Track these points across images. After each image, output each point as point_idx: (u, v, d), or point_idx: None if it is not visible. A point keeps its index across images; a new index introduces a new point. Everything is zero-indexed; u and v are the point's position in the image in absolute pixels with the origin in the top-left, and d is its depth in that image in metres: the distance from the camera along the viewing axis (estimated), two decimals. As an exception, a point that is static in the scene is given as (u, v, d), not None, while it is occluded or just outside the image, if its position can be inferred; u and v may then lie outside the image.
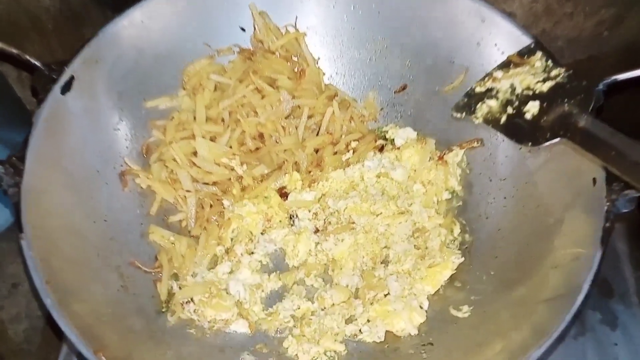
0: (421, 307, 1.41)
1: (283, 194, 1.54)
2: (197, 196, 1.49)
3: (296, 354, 1.35)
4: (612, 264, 1.60)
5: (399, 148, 1.59)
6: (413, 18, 1.57)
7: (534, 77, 1.30)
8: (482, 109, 1.36)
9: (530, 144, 1.24)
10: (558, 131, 1.19)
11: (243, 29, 1.61)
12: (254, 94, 1.52)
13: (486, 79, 1.40)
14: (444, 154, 1.56)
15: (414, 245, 1.49)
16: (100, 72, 1.44)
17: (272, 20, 1.60)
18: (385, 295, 1.42)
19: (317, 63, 1.62)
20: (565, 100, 1.21)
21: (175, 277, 1.43)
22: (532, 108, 1.27)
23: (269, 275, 1.49)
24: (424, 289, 1.43)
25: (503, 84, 1.34)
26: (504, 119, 1.32)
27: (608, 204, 1.19)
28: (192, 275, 1.44)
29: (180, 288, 1.40)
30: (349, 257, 1.48)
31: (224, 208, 1.52)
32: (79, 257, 1.28)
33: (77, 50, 1.40)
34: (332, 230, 1.51)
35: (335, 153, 1.58)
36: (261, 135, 1.53)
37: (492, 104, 1.35)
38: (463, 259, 1.43)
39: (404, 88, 1.63)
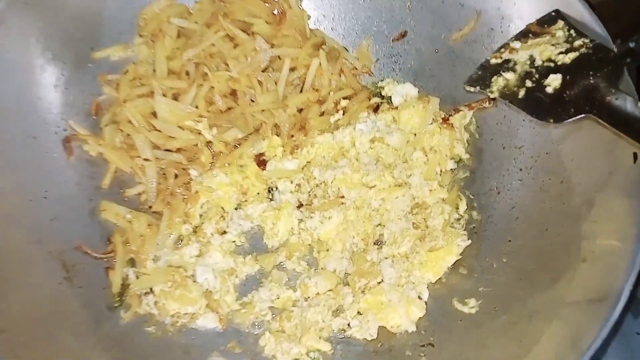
0: (420, 298, 1.25)
1: (261, 162, 1.39)
2: (159, 165, 1.33)
3: (274, 355, 1.19)
4: None
5: (396, 108, 1.44)
6: (416, -52, 1.38)
7: (556, 47, 1.21)
8: (498, 82, 1.27)
9: (552, 120, 1.15)
10: (583, 106, 1.10)
11: (212, -38, 1.42)
12: (224, 42, 1.38)
13: (502, 49, 1.30)
14: (450, 116, 1.40)
15: (413, 224, 1.32)
16: (33, 16, 1.24)
17: (245, -49, 1.42)
18: (379, 283, 1.26)
19: (301, 4, 1.47)
20: (591, 73, 1.12)
21: (132, 263, 1.26)
22: (554, 81, 1.18)
23: (244, 258, 1.33)
24: (424, 277, 1.27)
25: (521, 55, 1.26)
26: (522, 93, 1.23)
27: (652, 186, 1.02)
28: (152, 260, 1.27)
29: (137, 277, 1.23)
30: (337, 237, 1.33)
31: (190, 179, 1.36)
32: (11, 245, 1.11)
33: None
34: (317, 206, 1.35)
35: (322, 114, 1.44)
36: (233, 93, 1.38)
37: (509, 76, 1.26)
38: (470, 241, 1.28)
39: (403, 35, 1.48)
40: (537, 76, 1.21)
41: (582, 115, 1.10)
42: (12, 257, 1.09)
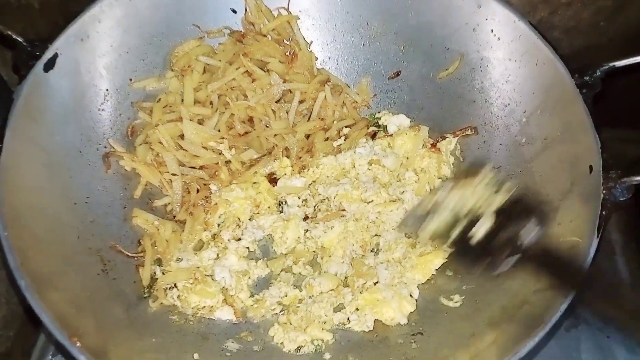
0: (411, 296, 1.38)
1: (272, 179, 1.51)
2: (183, 180, 1.45)
3: (282, 342, 1.31)
4: (605, 256, 1.57)
5: (391, 135, 1.56)
6: (408, 2, 1.54)
7: (483, 193, 1.18)
8: (429, 227, 1.24)
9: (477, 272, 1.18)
10: (514, 252, 1.11)
11: (234, 11, 1.57)
12: (244, 77, 1.49)
13: (430, 194, 1.28)
14: (437, 142, 1.54)
15: (405, 234, 1.46)
16: (86, 51, 1.40)
17: (263, 2, 1.57)
18: (375, 284, 1.39)
19: (310, 47, 1.59)
20: (522, 217, 1.12)
21: (159, 262, 1.39)
22: (482, 228, 1.15)
23: (256, 262, 1.45)
24: (415, 278, 1.40)
25: (450, 199, 1.21)
26: (450, 240, 1.21)
27: (604, 192, 1.18)
28: (176, 260, 1.40)
29: (163, 273, 1.36)
30: (339, 245, 1.45)
31: (211, 193, 1.48)
32: (57, 239, 1.24)
33: (62, 28, 1.36)
34: (321, 218, 1.47)
35: (327, 139, 1.55)
36: (250, 119, 1.50)
37: (438, 222, 1.22)
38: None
39: (397, 74, 1.61)
40: (465, 223, 1.17)
41: (514, 260, 1.09)
42: (60, 249, 1.22)
